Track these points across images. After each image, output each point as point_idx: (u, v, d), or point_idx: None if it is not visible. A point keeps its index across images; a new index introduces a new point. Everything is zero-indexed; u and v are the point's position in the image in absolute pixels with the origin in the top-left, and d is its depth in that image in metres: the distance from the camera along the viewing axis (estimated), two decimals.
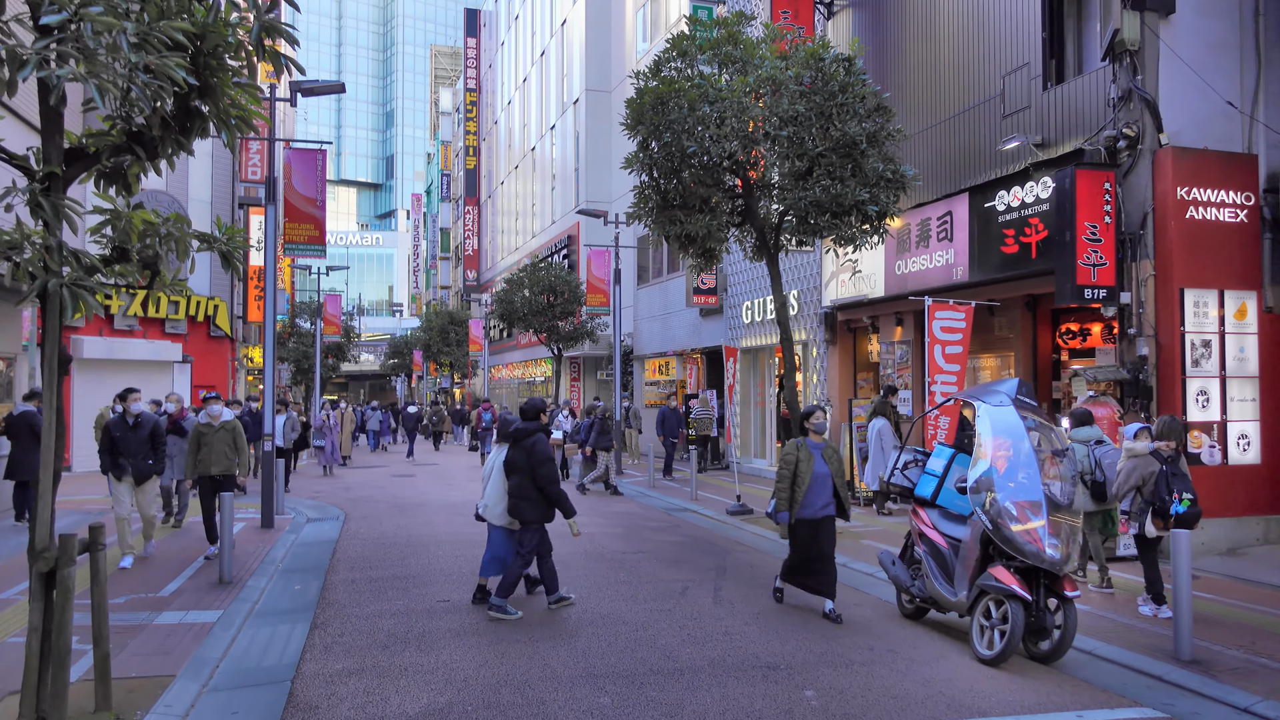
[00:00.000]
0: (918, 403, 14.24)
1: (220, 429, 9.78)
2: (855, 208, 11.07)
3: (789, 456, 7.43)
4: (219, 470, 9.75)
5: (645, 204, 12.30)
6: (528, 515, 7.46)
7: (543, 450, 7.45)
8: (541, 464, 7.38)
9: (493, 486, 7.83)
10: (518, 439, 7.55)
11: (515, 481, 7.51)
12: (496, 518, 7.81)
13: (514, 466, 7.52)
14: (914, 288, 13.37)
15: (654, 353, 26.70)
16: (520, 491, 7.46)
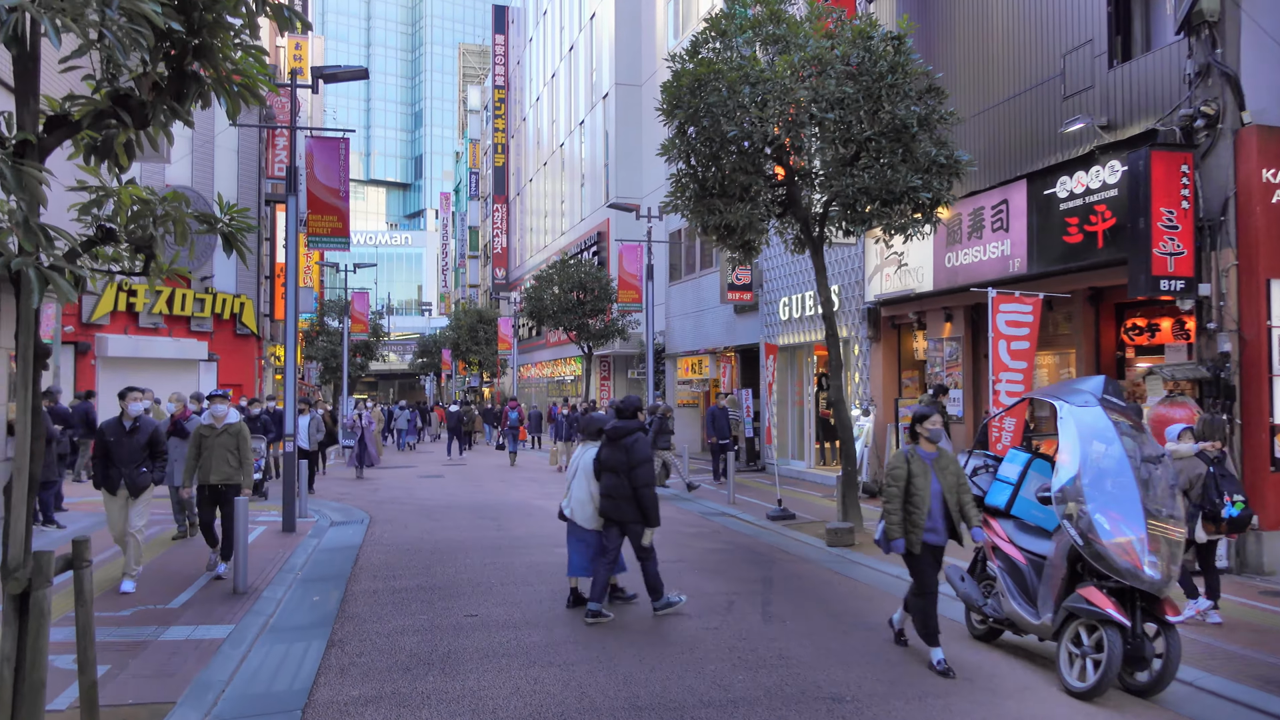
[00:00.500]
0: (969, 403, 13.51)
1: (223, 433, 8.63)
2: (906, 195, 10.40)
3: (897, 469, 6.16)
4: (219, 479, 8.54)
5: (682, 193, 11.68)
6: (628, 515, 7.21)
7: (642, 450, 7.18)
8: (640, 464, 7.13)
9: (578, 486, 7.54)
10: (615, 437, 7.29)
11: (610, 481, 7.26)
12: (586, 519, 7.51)
13: (608, 465, 7.28)
14: (965, 281, 12.64)
15: (686, 351, 26.06)
16: (616, 491, 7.22)
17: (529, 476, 20.19)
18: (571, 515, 7.59)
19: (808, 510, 13.74)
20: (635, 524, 7.23)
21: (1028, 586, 6.19)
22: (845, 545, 10.73)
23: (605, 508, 7.35)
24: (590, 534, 7.51)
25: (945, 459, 6.24)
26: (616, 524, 7.33)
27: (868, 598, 8.12)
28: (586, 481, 7.51)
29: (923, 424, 6.27)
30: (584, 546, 7.54)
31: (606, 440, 7.39)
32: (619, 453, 7.21)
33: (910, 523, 6.08)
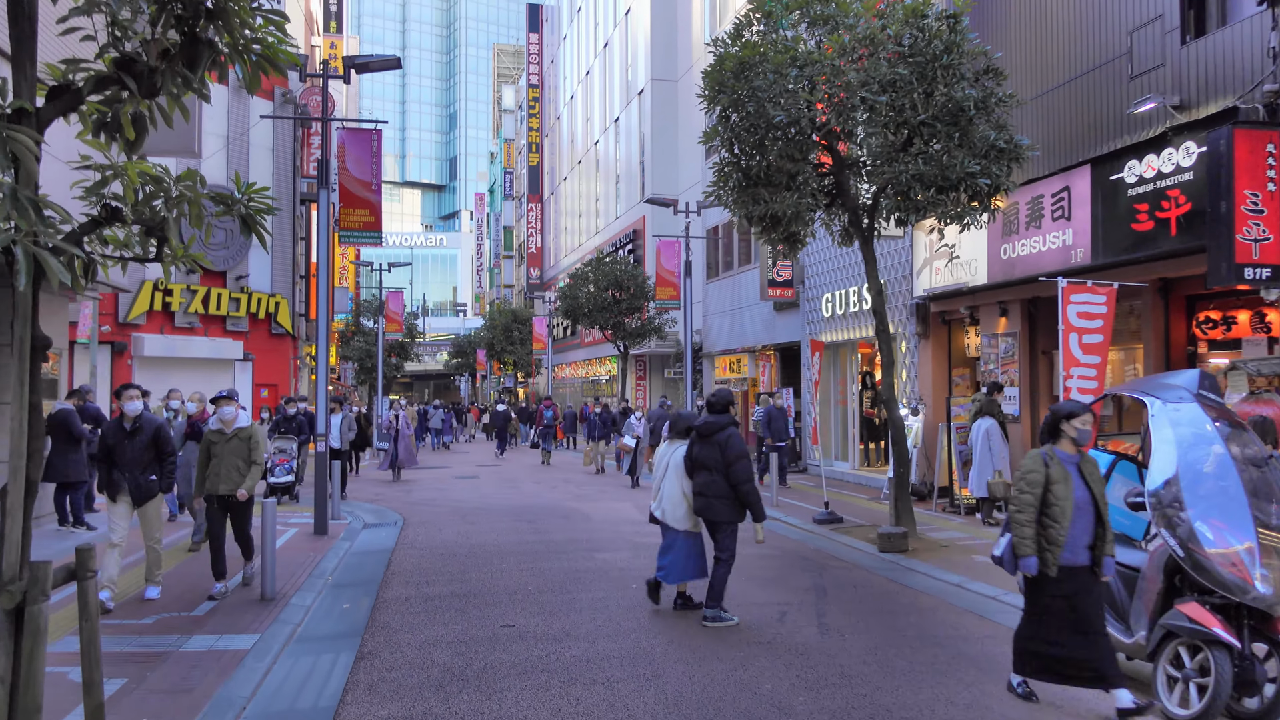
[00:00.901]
0: (1025, 401, 12.88)
1: (233, 437, 7.82)
2: (964, 181, 9.83)
3: (1033, 474, 5.23)
4: (228, 489, 7.73)
5: (725, 182, 11.20)
6: (721, 515, 6.99)
7: (737, 445, 6.98)
8: (737, 459, 6.91)
9: (669, 486, 7.31)
10: (707, 434, 7.06)
11: (704, 479, 7.04)
12: (679, 520, 7.25)
13: (701, 463, 7.05)
14: (1023, 274, 12.03)
15: (724, 350, 25.55)
16: (711, 489, 6.99)
17: (564, 477, 19.81)
18: (663, 517, 7.34)
19: (855, 513, 13.20)
20: (729, 523, 7.02)
21: (1115, 600, 5.64)
22: (898, 551, 10.19)
23: (700, 507, 7.09)
24: (683, 535, 7.25)
25: (1089, 464, 5.37)
26: (710, 524, 7.12)
27: (930, 609, 7.59)
28: (678, 480, 7.26)
29: (1069, 421, 5.33)
30: (676, 549, 7.27)
31: (698, 437, 7.14)
32: (712, 449, 6.98)
33: (1046, 539, 5.13)
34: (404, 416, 18.16)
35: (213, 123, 22.65)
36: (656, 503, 7.45)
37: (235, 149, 23.34)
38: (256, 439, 7.90)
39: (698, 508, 7.11)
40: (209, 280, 22.70)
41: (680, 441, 7.44)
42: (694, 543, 7.27)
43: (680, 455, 7.31)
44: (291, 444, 13.14)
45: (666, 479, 7.36)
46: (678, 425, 7.54)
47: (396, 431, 17.84)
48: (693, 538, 7.27)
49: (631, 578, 8.73)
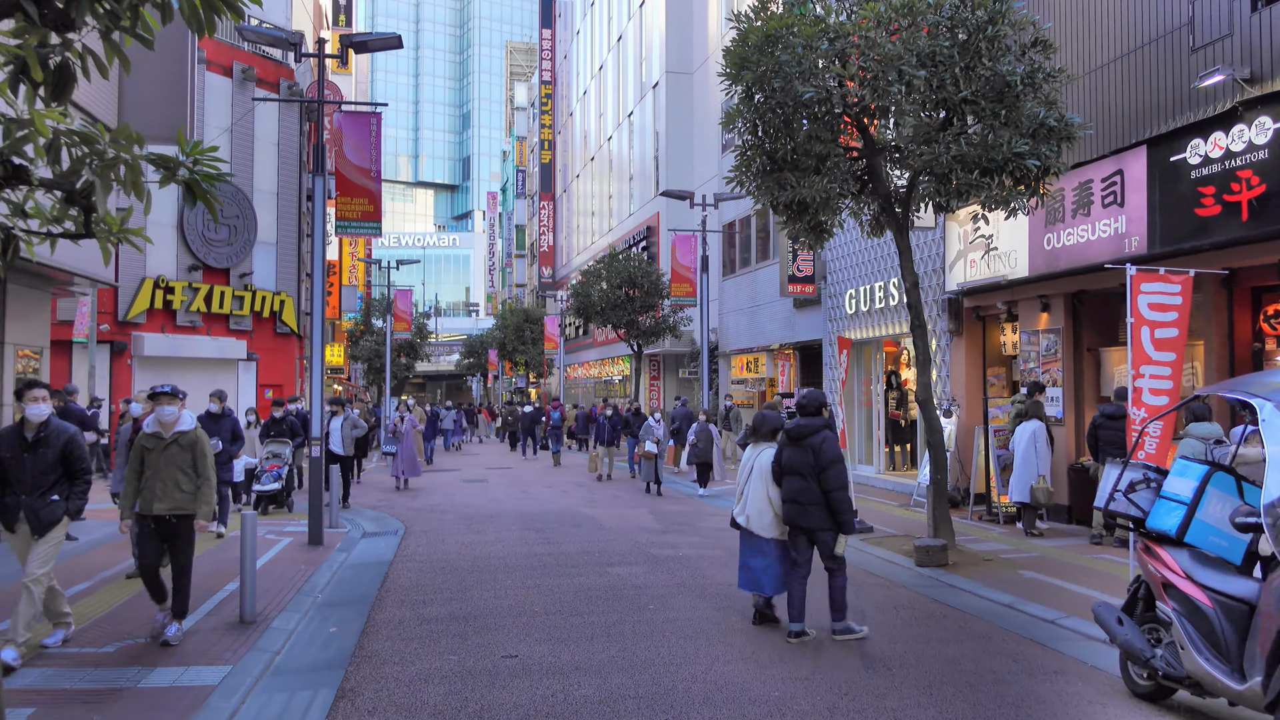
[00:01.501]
0: (1069, 402, 12.02)
1: (172, 443, 6.31)
2: (1011, 163, 9.00)
3: None
4: (168, 507, 6.21)
5: (748, 167, 10.40)
6: (816, 522, 6.60)
7: (832, 450, 6.60)
8: (832, 464, 6.55)
9: (754, 492, 6.92)
10: (798, 437, 6.69)
11: (795, 485, 6.65)
12: (765, 528, 6.86)
13: (792, 468, 6.66)
14: (1068, 265, 11.18)
15: (741, 348, 24.73)
16: (805, 495, 6.61)
17: (576, 480, 19.04)
18: (747, 524, 6.94)
19: (884, 522, 12.37)
20: (825, 531, 6.62)
21: (1217, 637, 4.82)
22: (938, 565, 9.37)
23: (790, 514, 6.72)
24: (769, 544, 6.86)
25: None
26: (803, 532, 6.71)
27: (984, 636, 6.77)
28: (764, 486, 6.87)
29: None
30: (761, 558, 6.88)
31: (788, 440, 6.77)
32: (804, 454, 6.61)
33: None
34: (411, 419, 16.95)
35: (215, 115, 22.01)
36: (739, 508, 7.07)
37: (240, 146, 22.70)
38: (203, 447, 6.44)
39: (789, 515, 6.73)
40: (212, 278, 22.07)
41: (765, 444, 7.05)
42: (785, 551, 6.87)
43: (766, 459, 6.93)
44: (284, 448, 12.37)
45: (751, 484, 6.98)
46: (763, 427, 7.13)
47: (405, 438, 16.70)
48: (783, 546, 6.88)
49: (649, 597, 7.95)
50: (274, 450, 12.28)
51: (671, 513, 13.71)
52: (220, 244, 22.16)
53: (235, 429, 10.35)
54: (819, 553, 6.74)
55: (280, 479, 12.21)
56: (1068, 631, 6.86)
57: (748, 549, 7.00)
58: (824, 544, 6.65)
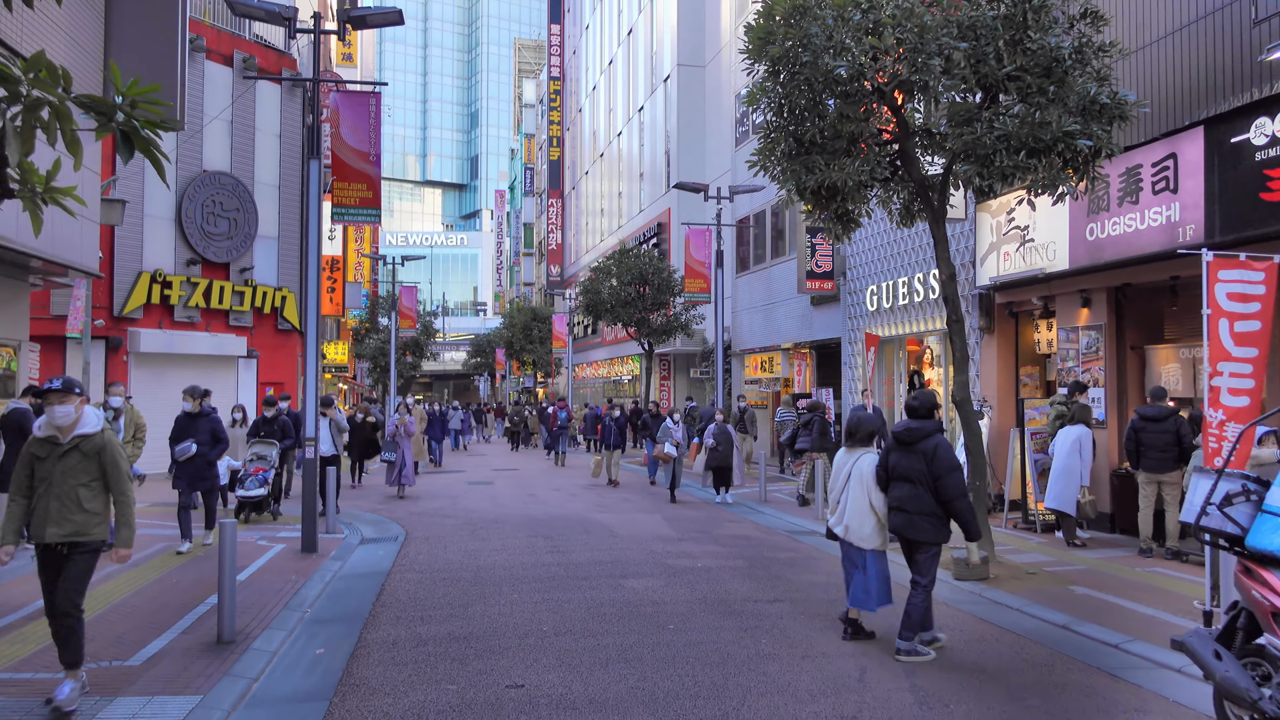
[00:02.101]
0: (1112, 403, 11.28)
1: (71, 450, 4.99)
2: (1061, 142, 8.29)
3: None
4: (64, 534, 4.89)
5: (773, 150, 9.70)
6: (925, 534, 6.17)
7: (948, 456, 6.17)
8: (948, 472, 6.10)
9: (854, 499, 6.48)
10: (909, 441, 6.26)
11: (904, 492, 6.21)
12: (866, 538, 6.42)
13: (901, 474, 6.24)
14: (1113, 256, 10.45)
15: (755, 347, 24.02)
16: (914, 504, 6.17)
17: (584, 484, 18.36)
18: (845, 534, 6.51)
19: None
20: (933, 544, 6.20)
21: None
22: (979, 579, 8.65)
23: (898, 524, 6.27)
24: (870, 555, 6.43)
25: None
26: (906, 543, 6.30)
27: (1044, 665, 6.06)
28: (864, 493, 6.44)
29: None
30: (860, 570, 6.45)
31: (897, 444, 6.32)
32: (915, 459, 6.19)
33: None
34: (411, 421, 15.59)
35: (215, 105, 21.40)
36: (835, 517, 6.65)
37: (240, 137, 22.10)
38: (112, 454, 5.08)
39: (896, 525, 6.28)
40: (211, 272, 21.45)
41: (862, 449, 6.61)
42: (885, 562, 6.46)
43: (865, 464, 6.49)
44: (271, 450, 11.49)
45: (849, 492, 6.53)
46: (860, 430, 6.68)
47: (403, 440, 15.44)
48: (883, 557, 6.46)
49: (668, 614, 7.26)
50: (259, 452, 11.39)
51: (686, 519, 13.02)
52: (220, 238, 21.55)
53: (216, 430, 9.47)
54: (913, 565, 6.33)
55: (265, 483, 11.24)
56: (1137, 659, 6.14)
57: (847, 561, 6.57)
58: (924, 558, 6.24)
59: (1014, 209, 12.30)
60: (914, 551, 6.32)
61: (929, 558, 6.24)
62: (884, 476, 6.41)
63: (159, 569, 8.81)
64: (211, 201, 21.32)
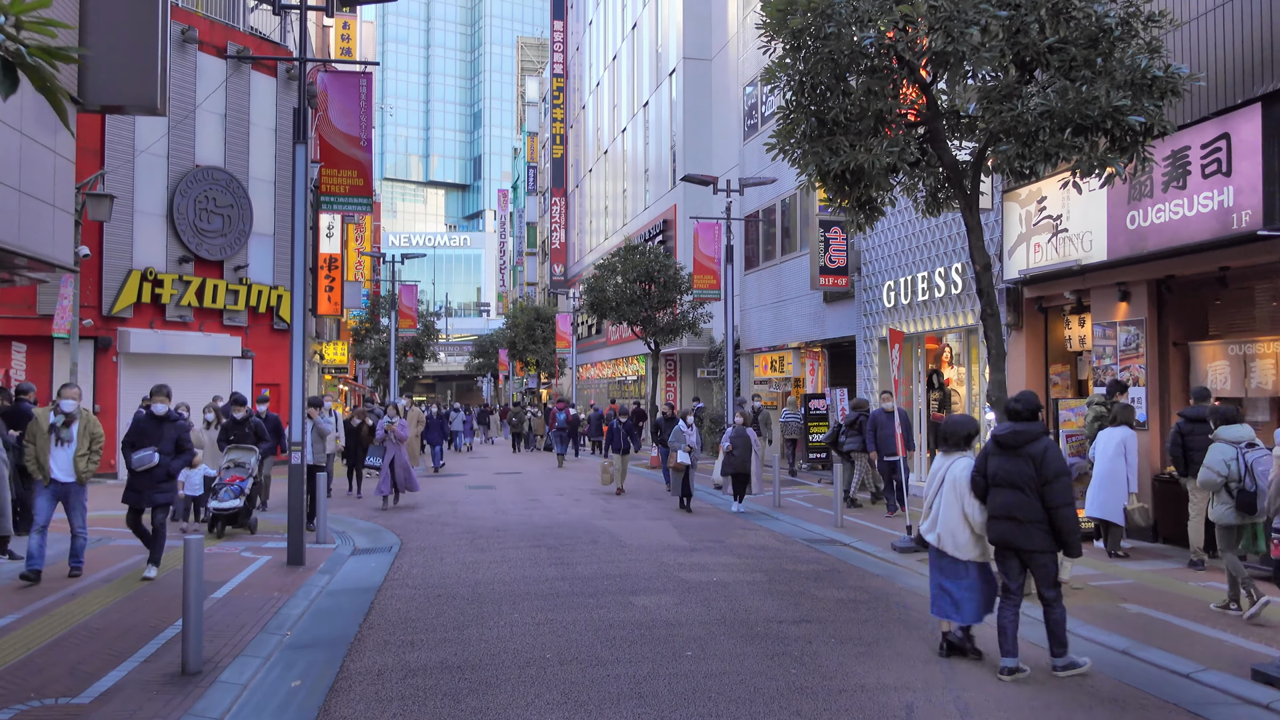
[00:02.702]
0: (1154, 403, 10.57)
1: None
2: (1110, 119, 7.59)
3: None
4: None
5: (792, 132, 9.02)
6: (1038, 543, 5.71)
7: (1056, 460, 5.72)
8: (1057, 477, 5.67)
9: (948, 506, 6.07)
10: (1013, 445, 5.81)
11: (1010, 499, 5.77)
12: (963, 548, 6.00)
13: (1004, 480, 5.79)
14: (1157, 246, 9.75)
15: (765, 346, 23.32)
16: (1023, 512, 5.72)
17: (590, 487, 17.67)
18: (940, 543, 6.09)
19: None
20: (1044, 554, 5.74)
21: None
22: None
23: (1001, 533, 5.83)
24: (965, 566, 6.01)
25: None
26: (1017, 554, 5.84)
27: (1117, 700, 5.36)
28: (958, 500, 6.02)
29: None
30: (955, 581, 6.03)
31: (998, 448, 5.88)
32: (1021, 464, 5.76)
33: None
34: (402, 425, 14.01)
35: (209, 100, 20.75)
36: (928, 525, 6.25)
37: (235, 132, 21.46)
38: None
39: (1003, 534, 5.83)
40: (204, 270, 20.81)
41: (959, 453, 6.19)
42: (987, 573, 6.06)
43: (961, 469, 6.07)
44: (249, 457, 10.64)
45: (943, 499, 6.10)
46: (955, 434, 6.27)
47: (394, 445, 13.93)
48: (985, 568, 6.06)
49: (684, 638, 6.57)
50: (236, 459, 10.55)
51: (697, 527, 12.33)
52: (213, 234, 20.90)
53: (181, 438, 8.27)
54: (1035, 579, 5.85)
55: (242, 494, 10.31)
56: (1216, 692, 5.45)
57: (939, 571, 6.14)
58: (1043, 569, 5.77)
59: (1045, 198, 11.61)
60: (1028, 563, 5.85)
61: (1049, 567, 5.78)
62: (981, 483, 5.93)
63: (132, 584, 8.14)
64: (205, 197, 20.68)
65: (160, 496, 8.14)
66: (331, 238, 26.81)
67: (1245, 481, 7.10)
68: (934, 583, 6.18)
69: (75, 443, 7.97)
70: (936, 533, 6.13)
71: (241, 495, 10.23)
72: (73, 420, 8.03)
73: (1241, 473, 7.13)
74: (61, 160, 10.05)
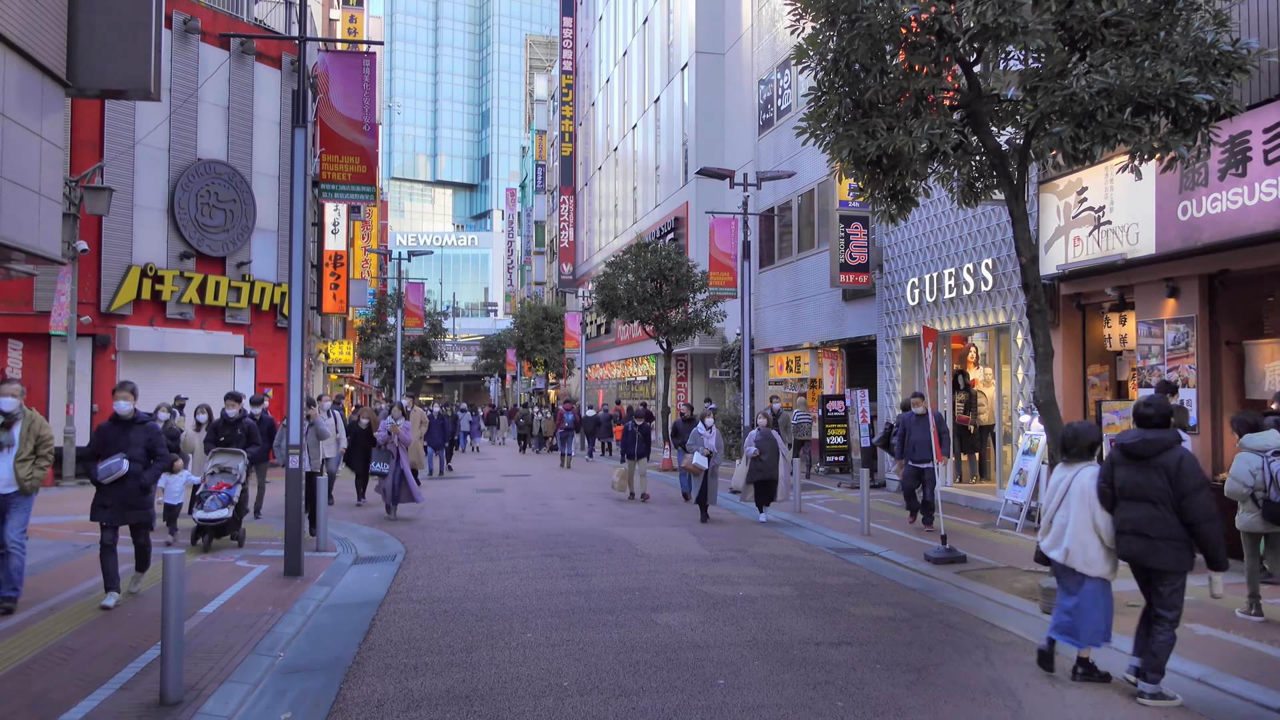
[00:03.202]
0: (1205, 406, 9.95)
1: None
2: (1175, 97, 6.99)
3: None
4: None
5: (824, 114, 8.42)
6: (1169, 561, 5.32)
7: (1193, 471, 5.30)
8: (1196, 490, 5.26)
9: (1075, 520, 5.65)
10: (1142, 455, 5.38)
11: (1142, 513, 5.36)
12: (1091, 564, 5.57)
13: (1133, 492, 5.39)
14: (1213, 238, 9.13)
15: (778, 347, 22.71)
16: (1155, 528, 5.31)
17: (600, 491, 17.09)
18: (1064, 558, 5.68)
19: (971, 546, 10.36)
20: (1174, 572, 5.35)
21: None
22: None
23: (1132, 549, 5.42)
24: (1092, 582, 5.57)
25: None
26: (1145, 572, 5.46)
27: None
28: (1088, 511, 5.60)
29: None
30: (1079, 600, 5.59)
31: (1125, 457, 5.47)
32: (1153, 475, 5.35)
33: None
34: (406, 427, 12.93)
35: (211, 90, 20.25)
36: (1049, 541, 5.81)
37: (238, 124, 20.95)
38: None
39: (1133, 550, 5.43)
40: (206, 267, 20.31)
41: (1082, 464, 5.75)
42: (1107, 591, 5.62)
43: (1087, 480, 5.63)
44: (237, 461, 9.82)
45: (1068, 511, 5.68)
46: (1078, 443, 5.82)
47: (396, 453, 12.81)
48: (1105, 586, 5.62)
49: (715, 663, 5.97)
50: (223, 464, 9.61)
51: (716, 534, 11.73)
52: (215, 230, 20.39)
53: (154, 443, 7.22)
54: (1158, 598, 5.44)
55: (230, 502, 9.33)
56: None
57: (1063, 589, 5.73)
58: (1169, 589, 5.37)
59: (1086, 188, 10.99)
60: (1155, 582, 5.44)
61: (1176, 589, 5.38)
62: (1110, 494, 5.51)
63: (85, 612, 7.57)
64: (206, 192, 20.18)
65: (135, 515, 7.13)
66: (337, 234, 26.31)
67: (1271, 491, 6.96)
68: (1060, 600, 5.77)
69: (16, 446, 6.92)
70: (1064, 548, 5.68)
71: (230, 504, 9.34)
72: (13, 421, 6.97)
73: (1268, 482, 6.98)
74: (49, 146, 9.50)
